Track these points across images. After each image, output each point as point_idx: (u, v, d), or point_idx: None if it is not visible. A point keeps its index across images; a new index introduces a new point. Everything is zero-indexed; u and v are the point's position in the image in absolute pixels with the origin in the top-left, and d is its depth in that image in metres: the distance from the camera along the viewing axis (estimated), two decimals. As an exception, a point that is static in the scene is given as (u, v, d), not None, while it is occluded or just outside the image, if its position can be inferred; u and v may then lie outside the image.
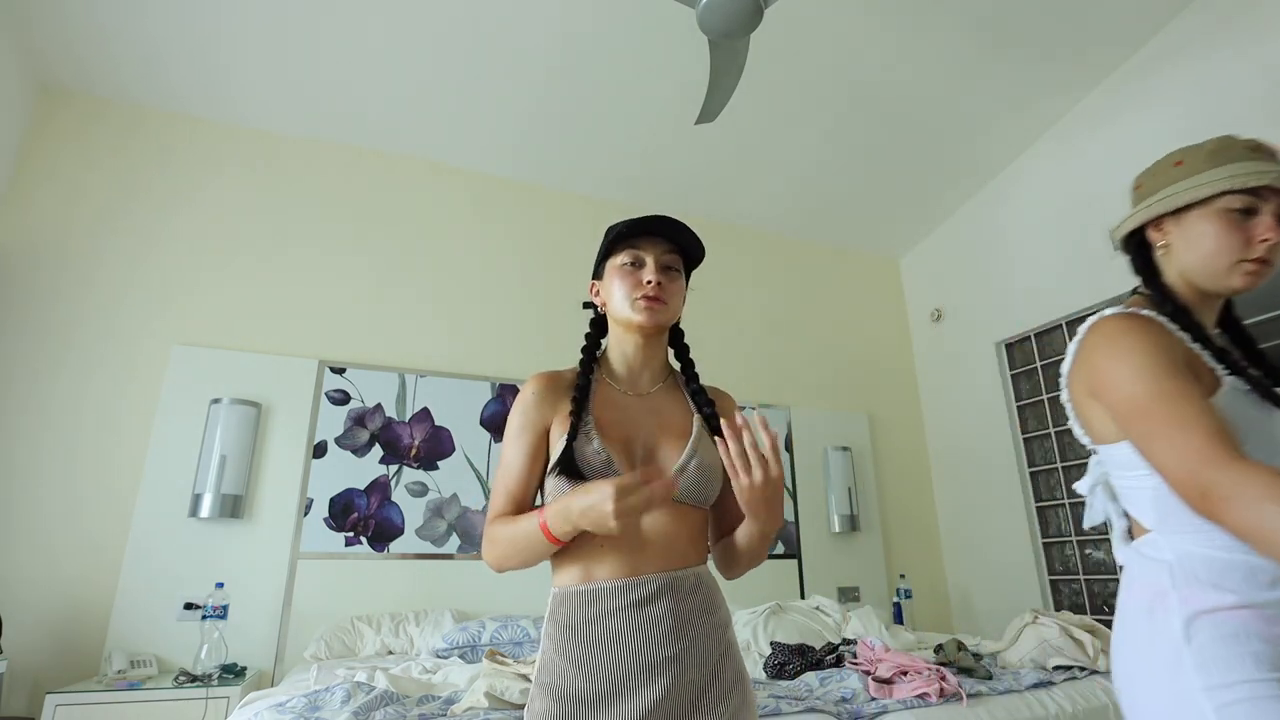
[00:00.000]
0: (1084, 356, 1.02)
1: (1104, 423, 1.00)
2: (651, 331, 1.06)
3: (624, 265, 1.05)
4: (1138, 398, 0.91)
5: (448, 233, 3.44)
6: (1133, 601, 0.95)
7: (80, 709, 2.05)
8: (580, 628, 0.93)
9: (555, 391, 1.04)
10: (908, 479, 4.20)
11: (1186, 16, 3.02)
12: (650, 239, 1.06)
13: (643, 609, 0.93)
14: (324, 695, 1.68)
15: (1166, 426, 0.87)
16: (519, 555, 0.94)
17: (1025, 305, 3.73)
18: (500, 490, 1.01)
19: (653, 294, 1.02)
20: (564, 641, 0.94)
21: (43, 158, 2.79)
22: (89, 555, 2.50)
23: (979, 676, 1.95)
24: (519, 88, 3.08)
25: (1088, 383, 1.01)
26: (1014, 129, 3.61)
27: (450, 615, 2.69)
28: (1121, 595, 0.99)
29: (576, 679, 0.91)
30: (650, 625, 0.92)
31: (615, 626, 0.92)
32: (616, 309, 1.05)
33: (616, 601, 0.93)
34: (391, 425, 3.03)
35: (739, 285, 4.09)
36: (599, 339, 1.13)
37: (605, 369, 1.10)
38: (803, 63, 3.07)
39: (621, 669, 0.90)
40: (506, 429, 1.04)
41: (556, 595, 0.98)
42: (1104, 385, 0.97)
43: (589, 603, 0.94)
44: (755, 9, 2.01)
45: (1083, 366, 1.02)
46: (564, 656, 0.93)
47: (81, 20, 2.60)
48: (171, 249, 2.90)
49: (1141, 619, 0.93)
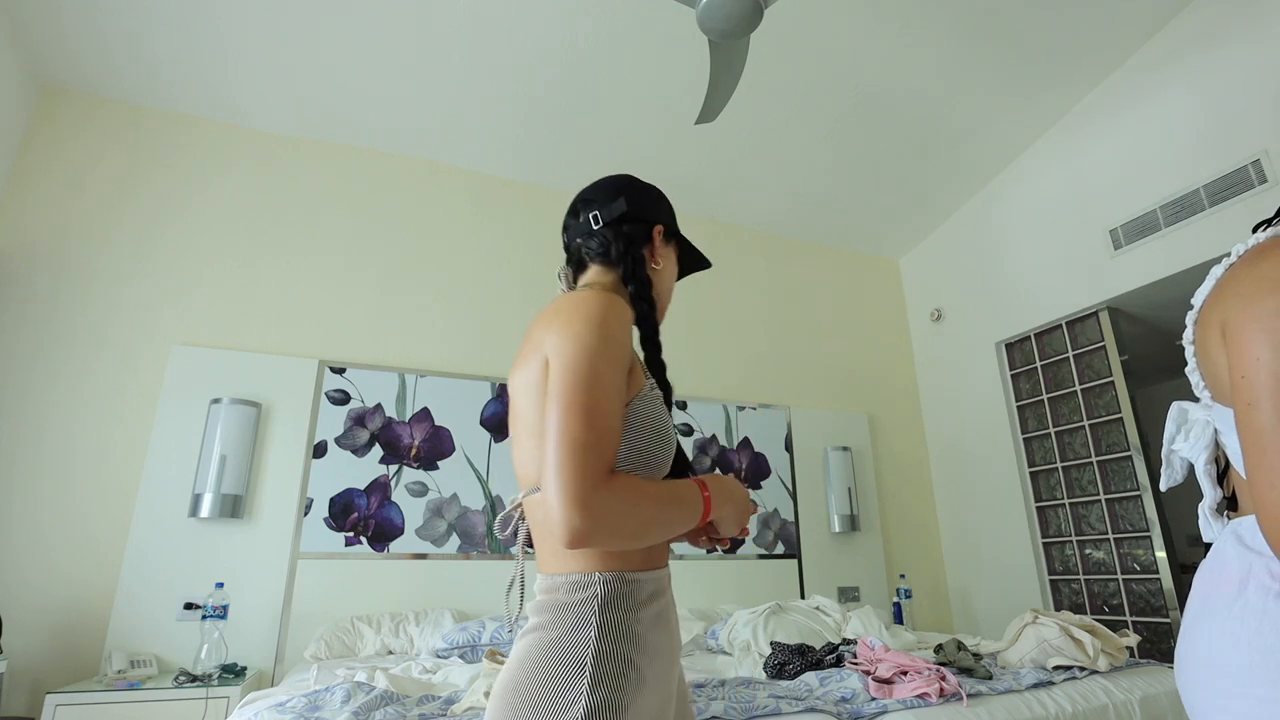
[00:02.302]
0: (1239, 287, 0.80)
1: None
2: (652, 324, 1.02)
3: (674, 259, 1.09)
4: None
5: (448, 232, 3.45)
6: (1221, 580, 0.82)
7: (80, 709, 2.05)
8: (652, 623, 0.83)
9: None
10: (908, 479, 4.20)
11: (1185, 17, 3.03)
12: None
13: (670, 604, 0.90)
14: (324, 695, 1.68)
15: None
16: (661, 520, 0.80)
17: (1025, 305, 3.73)
18: (600, 436, 0.77)
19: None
20: (645, 631, 0.82)
21: (43, 158, 2.79)
22: (89, 555, 2.50)
23: (979, 676, 1.95)
24: (519, 87, 3.08)
25: (1227, 322, 0.80)
26: (1014, 129, 3.62)
27: (450, 615, 2.69)
28: (1204, 575, 0.86)
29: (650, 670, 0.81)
30: (676, 622, 0.91)
31: (673, 623, 0.88)
32: (662, 290, 1.05)
33: (669, 594, 0.90)
34: (391, 425, 3.04)
35: (739, 285, 4.09)
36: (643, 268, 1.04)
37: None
38: (803, 63, 3.07)
39: (672, 670, 0.87)
40: (594, 359, 0.79)
41: (613, 580, 0.82)
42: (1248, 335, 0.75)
43: (658, 593, 0.86)
44: (755, 9, 2.01)
45: (1234, 300, 0.80)
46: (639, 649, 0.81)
47: (80, 19, 2.60)
48: (171, 249, 2.90)
49: (1232, 593, 0.80)
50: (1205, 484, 0.90)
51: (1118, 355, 3.30)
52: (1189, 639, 0.85)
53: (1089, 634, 2.08)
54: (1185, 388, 1.13)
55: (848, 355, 4.30)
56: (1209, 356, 0.85)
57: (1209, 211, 2.87)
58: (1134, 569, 3.15)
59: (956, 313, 4.19)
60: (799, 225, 4.28)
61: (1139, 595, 3.11)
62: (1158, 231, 3.07)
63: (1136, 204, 3.17)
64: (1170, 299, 3.23)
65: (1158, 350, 3.72)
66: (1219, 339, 0.82)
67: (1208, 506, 0.90)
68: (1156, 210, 3.07)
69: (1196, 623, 0.84)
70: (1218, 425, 0.87)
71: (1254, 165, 2.74)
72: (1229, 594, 0.80)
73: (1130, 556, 3.16)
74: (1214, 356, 0.84)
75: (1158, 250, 3.08)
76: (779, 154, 3.64)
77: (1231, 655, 0.77)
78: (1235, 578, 0.80)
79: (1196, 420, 0.91)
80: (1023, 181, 3.79)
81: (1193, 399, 0.98)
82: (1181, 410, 0.95)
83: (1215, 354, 0.83)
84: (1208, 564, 0.86)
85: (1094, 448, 3.36)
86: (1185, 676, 0.85)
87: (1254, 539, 0.80)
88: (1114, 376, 3.29)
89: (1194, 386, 0.90)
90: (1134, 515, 3.16)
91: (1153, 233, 3.09)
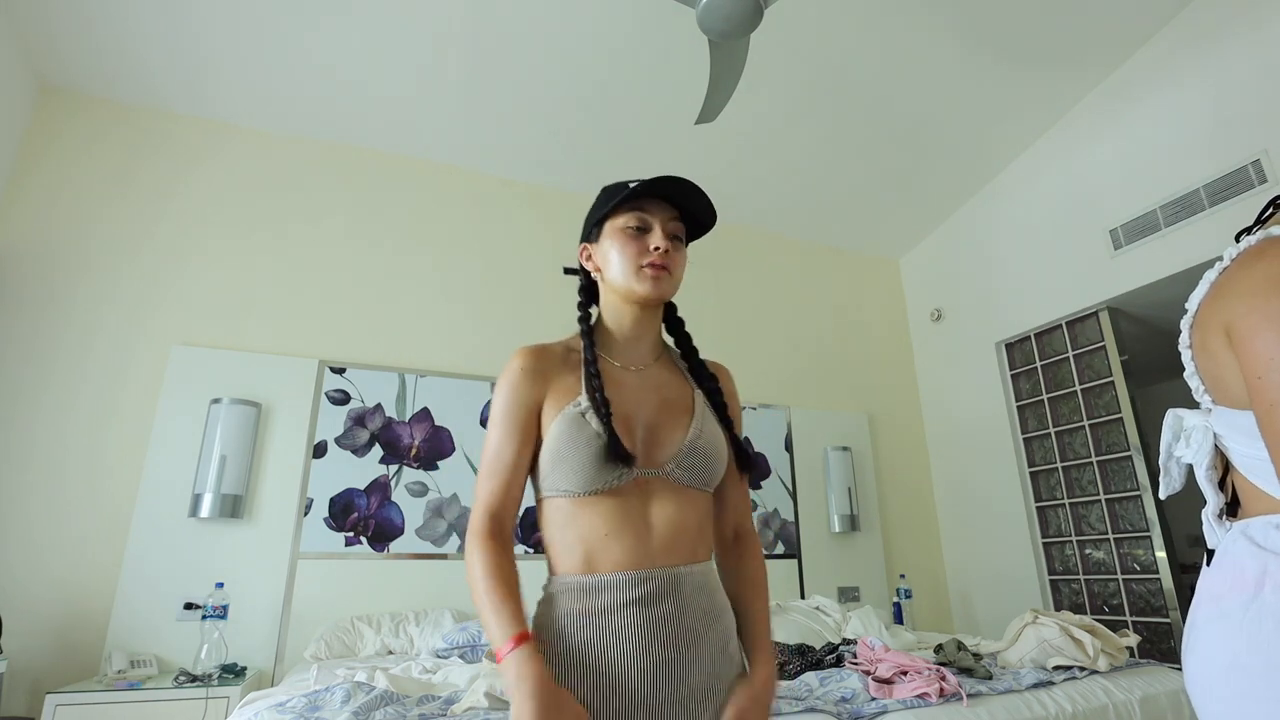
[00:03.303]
0: (1243, 287, 0.80)
1: (1240, 379, 0.81)
2: (654, 302, 0.98)
3: (628, 229, 0.95)
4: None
5: (448, 232, 3.44)
6: (1235, 582, 0.80)
7: (80, 709, 2.05)
8: (583, 621, 0.84)
9: (545, 365, 0.96)
10: (908, 479, 4.20)
11: (1185, 17, 3.02)
12: (656, 203, 0.96)
13: (647, 608, 0.84)
14: (324, 695, 1.68)
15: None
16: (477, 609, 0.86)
17: (1025, 305, 3.73)
18: (487, 479, 0.90)
19: (660, 262, 0.94)
20: (557, 638, 0.85)
21: (43, 158, 2.79)
22: (89, 555, 2.50)
23: (979, 676, 1.95)
24: (518, 87, 3.08)
25: (1232, 324, 0.80)
26: (1013, 129, 3.61)
27: (450, 615, 2.69)
28: (1215, 576, 0.83)
29: (568, 679, 0.83)
30: (656, 626, 0.84)
31: (620, 622, 0.83)
32: (615, 276, 0.96)
33: (620, 596, 0.84)
34: (391, 425, 3.03)
35: (739, 285, 4.09)
36: (589, 306, 1.02)
37: (600, 339, 1.00)
38: (803, 63, 3.07)
39: (617, 671, 0.82)
40: (491, 410, 0.94)
41: (555, 584, 0.89)
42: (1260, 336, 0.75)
43: (590, 595, 0.85)
44: (755, 9, 2.01)
45: (1239, 302, 0.80)
46: (555, 653, 0.84)
47: (79, 19, 2.60)
48: (171, 249, 2.90)
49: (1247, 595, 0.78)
50: (1208, 489, 0.88)
51: (1118, 355, 3.30)
52: (1202, 642, 0.83)
53: (1089, 634, 2.08)
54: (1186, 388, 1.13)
55: (848, 355, 4.30)
56: (1211, 359, 0.84)
57: (1209, 211, 2.87)
58: (1134, 569, 3.14)
59: (956, 313, 4.19)
60: (799, 225, 4.28)
61: (1139, 595, 3.11)
62: (1158, 231, 3.07)
63: (1136, 204, 3.17)
64: (1170, 299, 3.23)
65: (1158, 350, 3.72)
66: (1222, 341, 0.82)
67: (1211, 512, 0.88)
68: (1156, 210, 3.07)
69: (1209, 626, 0.82)
70: (1218, 430, 0.86)
71: (1254, 165, 2.73)
72: (1244, 596, 0.78)
73: (1130, 556, 3.16)
74: (1218, 358, 0.83)
75: (1158, 250, 3.08)
76: (779, 154, 3.64)
77: (1250, 658, 0.76)
78: (1251, 579, 0.78)
79: (1195, 426, 0.91)
80: (1023, 181, 3.79)
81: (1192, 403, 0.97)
82: (1177, 418, 0.94)
83: (1219, 355, 0.83)
84: (1218, 566, 0.84)
85: (1094, 448, 3.36)
86: (1200, 681, 0.82)
87: (1267, 539, 0.79)
88: (1114, 376, 3.29)
89: (1194, 391, 0.90)
90: (1134, 515, 3.16)
91: (1153, 233, 3.09)
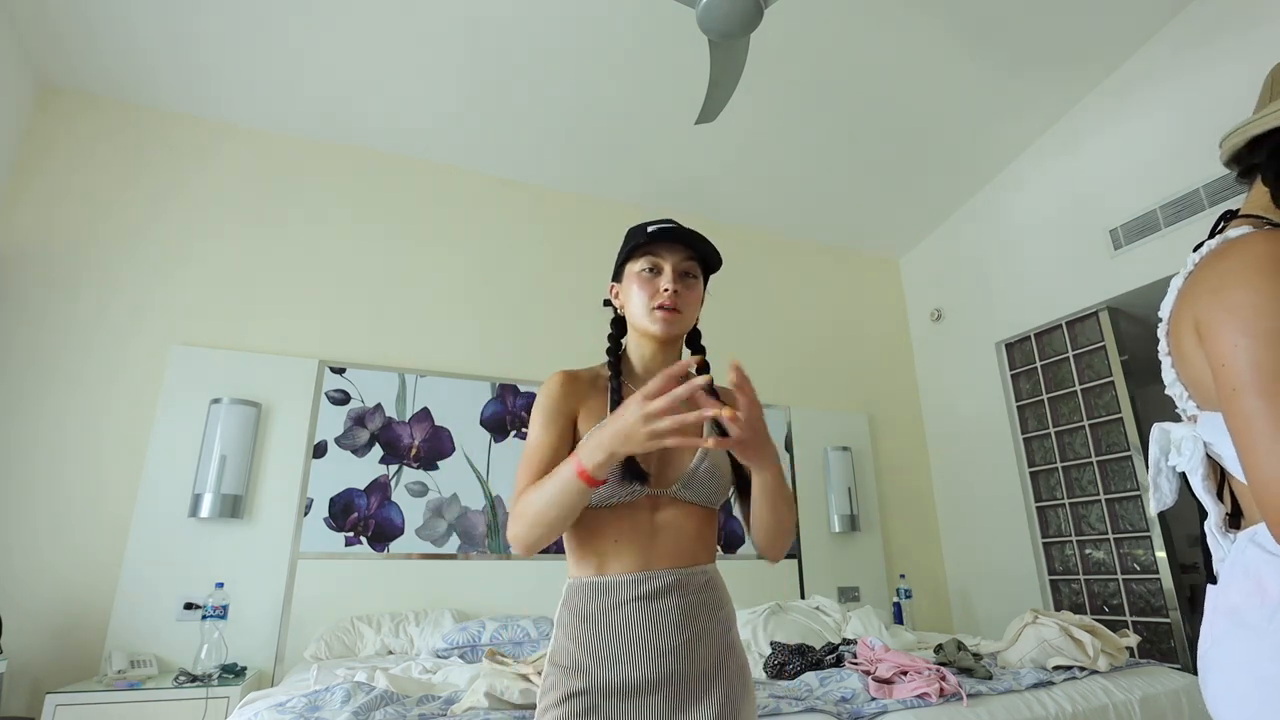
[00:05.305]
0: (1206, 285, 0.80)
1: None
2: (666, 341, 1.09)
3: (642, 272, 1.07)
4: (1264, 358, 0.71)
5: (447, 233, 3.45)
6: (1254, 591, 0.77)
7: (80, 709, 2.05)
8: (593, 617, 0.98)
9: (577, 388, 1.06)
10: (908, 479, 4.20)
11: (1185, 17, 3.02)
12: (669, 244, 1.08)
13: (652, 602, 0.97)
14: (324, 695, 1.68)
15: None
16: (551, 512, 0.91)
17: (1025, 305, 3.73)
18: (527, 467, 1.00)
19: (669, 304, 1.04)
20: (577, 629, 0.98)
21: (44, 158, 2.79)
22: (89, 555, 2.50)
23: (979, 676, 1.95)
24: (518, 87, 3.08)
25: (1199, 320, 0.80)
26: (1014, 129, 3.62)
27: (450, 615, 2.69)
28: (1231, 586, 0.81)
29: (586, 663, 0.96)
30: (659, 617, 0.97)
31: (625, 617, 0.97)
32: (635, 315, 1.08)
33: (627, 593, 0.98)
34: (391, 425, 3.03)
35: (739, 285, 4.08)
36: (620, 339, 1.14)
37: (625, 369, 1.11)
38: (802, 63, 3.07)
39: (630, 656, 0.95)
40: (532, 422, 1.05)
41: (571, 585, 1.03)
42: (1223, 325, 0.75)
43: (602, 594, 0.98)
44: (755, 9, 2.01)
45: (1204, 299, 0.80)
46: (576, 642, 0.97)
47: (81, 20, 2.60)
48: (171, 249, 2.90)
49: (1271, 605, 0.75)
50: (1206, 500, 0.86)
51: (1118, 355, 3.30)
52: (1226, 656, 0.80)
53: (1089, 634, 2.08)
54: (1185, 388, 1.12)
55: (848, 355, 4.30)
56: (1188, 361, 0.84)
57: (1209, 211, 2.87)
58: (1134, 569, 3.14)
59: (956, 313, 4.19)
60: (799, 225, 4.28)
61: (1139, 595, 3.11)
62: (1158, 231, 3.07)
63: (1136, 204, 3.17)
64: (1170, 299, 3.23)
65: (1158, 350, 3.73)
66: (1194, 339, 0.81)
67: (1214, 524, 0.86)
68: (1156, 210, 3.07)
69: (1229, 640, 0.79)
70: (1206, 438, 0.84)
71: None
72: (1268, 606, 0.75)
73: (1130, 556, 3.16)
74: (1192, 360, 0.83)
75: (1158, 250, 3.08)
76: (779, 154, 3.64)
77: (1276, 669, 0.73)
78: (1271, 588, 0.76)
79: (1184, 437, 0.89)
80: (1023, 181, 3.79)
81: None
82: (1163, 431, 0.92)
83: (1193, 356, 0.83)
84: (1230, 578, 0.81)
85: (1094, 448, 3.36)
86: (1227, 698, 0.79)
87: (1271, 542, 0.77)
88: (1114, 376, 3.29)
89: (1177, 399, 0.88)
90: (1134, 515, 3.16)
91: (1153, 233, 3.09)
